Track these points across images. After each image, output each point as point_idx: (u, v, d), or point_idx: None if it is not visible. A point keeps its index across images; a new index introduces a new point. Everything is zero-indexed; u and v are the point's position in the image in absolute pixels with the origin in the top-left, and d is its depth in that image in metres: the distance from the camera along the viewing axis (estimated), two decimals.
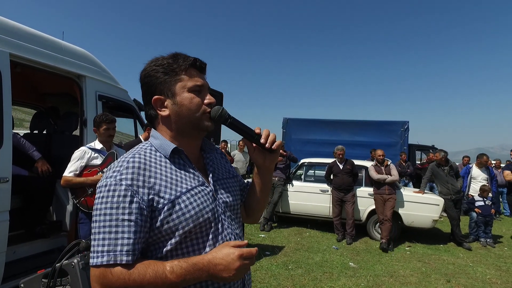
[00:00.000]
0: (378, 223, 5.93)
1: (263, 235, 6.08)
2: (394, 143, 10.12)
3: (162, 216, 0.87)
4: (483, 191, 6.19)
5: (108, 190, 0.85)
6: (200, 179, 0.99)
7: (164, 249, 0.90)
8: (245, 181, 1.28)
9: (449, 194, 5.92)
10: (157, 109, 0.97)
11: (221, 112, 0.98)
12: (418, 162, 10.87)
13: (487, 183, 6.36)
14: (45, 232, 3.28)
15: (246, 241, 0.94)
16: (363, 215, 6.22)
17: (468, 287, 4.04)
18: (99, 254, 0.81)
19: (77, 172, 2.80)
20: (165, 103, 0.96)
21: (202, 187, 0.97)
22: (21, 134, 3.81)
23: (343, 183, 5.99)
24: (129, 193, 0.84)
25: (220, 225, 0.98)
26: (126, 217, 0.83)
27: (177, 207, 0.89)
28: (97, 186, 0.89)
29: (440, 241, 6.23)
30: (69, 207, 3.55)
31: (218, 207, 0.99)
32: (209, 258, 0.86)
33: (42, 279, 1.65)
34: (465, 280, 4.26)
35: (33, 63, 2.91)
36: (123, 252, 0.82)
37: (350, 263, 4.74)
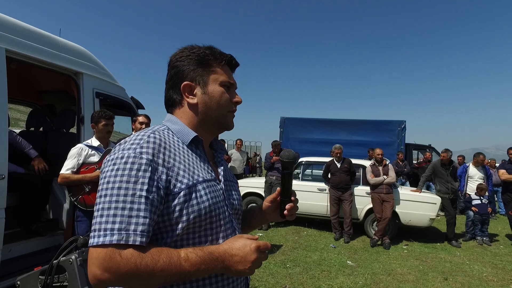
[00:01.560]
0: (376, 222, 5.95)
1: (260, 234, 6.08)
2: (391, 142, 10.15)
3: (176, 201, 0.80)
4: (480, 189, 6.23)
5: (126, 162, 0.76)
6: (213, 174, 0.94)
7: (169, 240, 0.82)
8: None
9: (448, 193, 5.97)
10: (184, 94, 0.93)
11: (294, 160, 1.01)
12: (414, 161, 10.91)
13: (484, 182, 6.40)
14: (42, 230, 3.25)
15: (257, 236, 0.91)
16: (361, 214, 6.24)
17: (465, 284, 4.06)
18: (108, 232, 0.71)
19: (74, 170, 2.77)
20: (195, 91, 0.93)
21: (214, 183, 0.92)
22: (17, 132, 3.78)
23: (341, 181, 5.99)
24: (150, 168, 0.77)
25: (230, 224, 0.94)
26: (144, 193, 0.75)
27: (192, 195, 0.83)
28: (106, 159, 0.81)
29: (437, 239, 6.26)
30: (66, 205, 3.52)
31: (228, 207, 0.95)
32: (225, 248, 0.81)
33: (39, 276, 1.63)
34: (462, 277, 4.28)
35: (30, 59, 2.88)
36: (137, 232, 0.72)
37: (348, 262, 4.74)
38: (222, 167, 1.01)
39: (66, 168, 2.75)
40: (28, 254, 3.05)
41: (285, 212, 1.03)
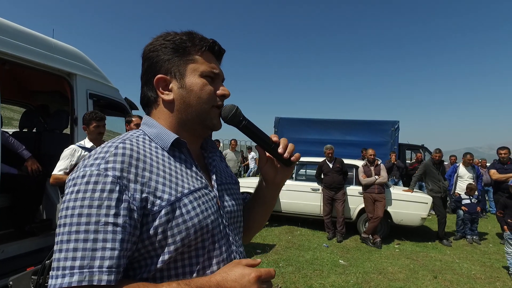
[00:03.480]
0: (368, 221, 6.02)
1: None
2: (385, 143, 10.26)
3: (157, 222, 0.67)
4: (469, 189, 6.33)
5: (88, 182, 0.63)
6: (203, 180, 0.80)
7: (153, 267, 0.69)
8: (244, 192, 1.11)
9: (439, 192, 6.10)
10: (158, 90, 0.79)
11: (235, 112, 0.82)
12: (408, 161, 11.03)
13: (473, 181, 6.51)
14: (35, 230, 3.26)
15: (259, 260, 0.76)
16: (353, 214, 6.31)
17: (454, 282, 4.15)
18: (67, 271, 0.58)
19: (67, 170, 2.79)
20: (170, 86, 0.79)
21: (206, 191, 0.79)
22: (10, 133, 3.78)
23: (334, 181, 6.06)
24: (117, 188, 0.64)
25: (225, 240, 0.80)
26: (110, 219, 0.62)
27: (177, 212, 0.69)
28: (67, 179, 0.67)
29: (428, 238, 6.36)
30: (59, 206, 3.52)
31: (223, 218, 0.81)
32: (218, 280, 0.67)
33: (32, 276, 1.66)
34: (451, 276, 4.37)
35: (23, 61, 2.89)
36: (104, 269, 0.59)
37: (340, 261, 4.81)
38: (214, 170, 0.88)
39: (59, 169, 2.77)
40: (21, 255, 3.06)
41: (280, 150, 0.86)
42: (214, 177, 0.86)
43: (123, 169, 0.66)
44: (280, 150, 0.86)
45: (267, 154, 0.90)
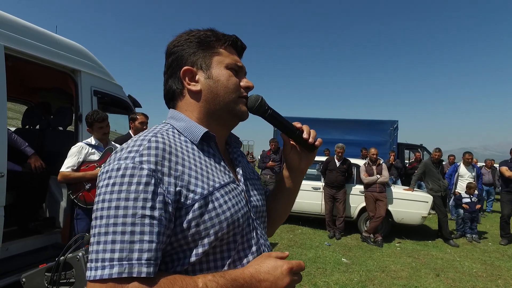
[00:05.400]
0: (369, 220, 6.05)
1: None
2: (384, 142, 10.31)
3: (190, 215, 0.67)
4: (469, 188, 6.39)
5: (123, 175, 0.63)
6: (231, 175, 0.81)
7: (186, 261, 0.69)
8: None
9: (440, 191, 6.14)
10: (185, 81, 0.80)
11: (261, 102, 0.84)
12: (406, 161, 11.09)
13: (474, 180, 6.57)
14: (39, 228, 3.24)
15: (287, 253, 0.75)
16: (354, 212, 6.33)
17: (456, 280, 4.18)
18: (107, 263, 0.58)
19: (75, 168, 2.76)
20: (197, 77, 0.80)
21: (234, 185, 0.79)
22: (12, 130, 3.74)
23: (336, 180, 6.07)
24: (152, 181, 0.63)
25: (254, 233, 0.81)
26: (147, 212, 0.62)
27: (210, 206, 0.70)
28: (100, 171, 0.68)
29: (428, 237, 6.40)
30: (63, 203, 3.50)
31: (251, 211, 0.82)
32: (251, 272, 0.68)
33: (46, 273, 1.64)
34: (453, 274, 4.40)
35: (28, 56, 2.86)
36: (142, 261, 0.59)
37: (343, 259, 4.82)
38: (240, 165, 0.88)
39: (67, 166, 2.74)
40: (25, 253, 3.04)
41: (305, 136, 0.89)
42: (240, 171, 0.86)
43: (157, 162, 0.66)
44: (305, 135, 0.89)
45: (291, 141, 0.93)
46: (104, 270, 0.58)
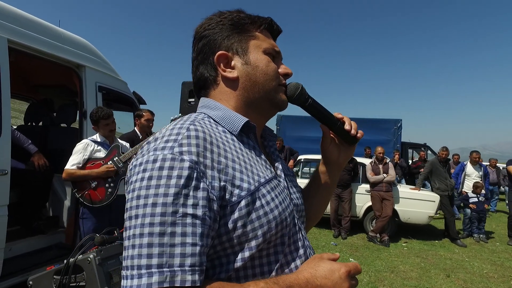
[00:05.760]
0: (375, 220, 5.97)
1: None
2: (387, 141, 10.22)
3: (236, 214, 0.59)
4: (476, 187, 6.31)
5: (161, 168, 0.54)
6: (272, 170, 0.73)
7: (231, 266, 0.60)
8: None
9: (447, 190, 6.05)
10: (220, 68, 0.72)
11: (301, 90, 0.77)
12: (410, 160, 11.01)
13: (481, 180, 6.49)
14: (43, 228, 3.15)
15: (338, 254, 0.69)
16: (360, 212, 6.25)
17: (467, 281, 4.10)
18: (144, 271, 0.50)
19: (80, 165, 2.67)
20: (232, 63, 0.72)
21: (276, 181, 0.71)
22: (15, 127, 3.65)
23: (342, 179, 5.99)
24: (195, 174, 0.55)
25: (300, 234, 0.73)
26: (189, 210, 0.53)
27: (257, 203, 0.61)
28: (132, 164, 0.59)
29: (435, 237, 6.32)
30: (67, 202, 3.42)
31: (294, 210, 0.74)
32: (306, 277, 0.60)
33: (54, 276, 1.56)
34: (464, 274, 4.32)
35: (32, 50, 2.77)
36: (186, 268, 0.51)
37: (350, 259, 4.74)
38: (279, 159, 0.81)
39: (72, 164, 2.65)
40: (29, 253, 2.95)
41: (347, 127, 0.82)
42: (280, 166, 0.78)
43: (199, 153, 0.57)
44: (347, 127, 0.82)
45: (331, 133, 0.86)
46: (141, 279, 0.50)
